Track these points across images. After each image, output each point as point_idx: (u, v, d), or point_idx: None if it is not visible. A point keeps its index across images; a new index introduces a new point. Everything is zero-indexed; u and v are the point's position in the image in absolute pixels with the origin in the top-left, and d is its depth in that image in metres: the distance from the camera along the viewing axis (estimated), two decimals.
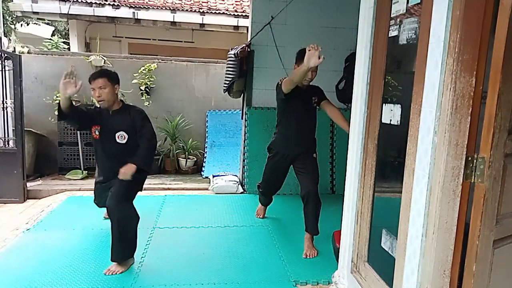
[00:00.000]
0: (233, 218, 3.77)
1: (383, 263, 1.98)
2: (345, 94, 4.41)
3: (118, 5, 7.36)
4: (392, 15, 1.92)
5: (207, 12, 7.69)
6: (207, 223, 3.59)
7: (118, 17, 7.37)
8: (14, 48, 5.54)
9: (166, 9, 7.58)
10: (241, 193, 4.62)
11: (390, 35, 1.95)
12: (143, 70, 5.56)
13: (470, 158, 1.49)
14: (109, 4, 7.34)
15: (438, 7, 1.49)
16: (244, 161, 4.66)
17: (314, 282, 2.60)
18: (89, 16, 7.34)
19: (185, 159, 5.63)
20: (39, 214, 3.76)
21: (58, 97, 5.15)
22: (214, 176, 4.99)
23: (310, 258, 2.95)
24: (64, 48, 7.12)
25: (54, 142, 5.39)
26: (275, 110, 3.29)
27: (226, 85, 4.54)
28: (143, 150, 2.78)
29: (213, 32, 8.08)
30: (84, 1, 7.31)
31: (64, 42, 7.49)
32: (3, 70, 4.25)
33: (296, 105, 3.04)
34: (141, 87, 5.60)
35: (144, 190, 4.54)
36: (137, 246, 2.74)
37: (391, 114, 1.91)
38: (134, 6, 7.42)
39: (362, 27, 2.22)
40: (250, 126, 4.52)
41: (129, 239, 2.68)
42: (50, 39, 6.96)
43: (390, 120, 1.93)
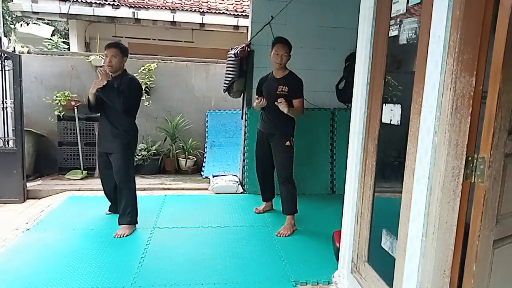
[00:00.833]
0: (233, 218, 3.77)
1: (383, 263, 1.98)
2: (345, 94, 4.42)
3: (118, 5, 7.35)
4: (392, 15, 1.92)
5: (207, 12, 7.68)
6: (207, 223, 3.59)
7: (118, 17, 7.37)
8: (14, 48, 5.54)
9: (166, 9, 7.57)
10: (241, 193, 4.62)
11: (390, 35, 1.95)
12: (143, 70, 5.56)
13: (470, 158, 1.49)
14: (109, 4, 7.33)
15: (438, 7, 1.49)
16: (244, 161, 4.66)
17: (314, 282, 2.60)
18: (89, 16, 7.34)
19: (185, 159, 5.63)
20: (39, 214, 3.75)
21: (58, 97, 5.17)
22: (214, 176, 4.99)
23: (282, 237, 3.29)
24: (64, 48, 7.12)
25: (54, 142, 5.38)
26: None
27: (226, 85, 4.53)
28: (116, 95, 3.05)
29: (213, 32, 8.08)
30: (84, 1, 7.30)
31: (64, 42, 7.51)
32: (3, 70, 4.25)
33: (266, 90, 3.54)
34: None
35: (144, 190, 4.61)
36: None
37: (391, 114, 1.91)
38: (134, 6, 7.42)
39: (362, 27, 2.22)
40: (250, 126, 4.51)
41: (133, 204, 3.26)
42: (50, 39, 6.97)
43: (390, 120, 1.93)
